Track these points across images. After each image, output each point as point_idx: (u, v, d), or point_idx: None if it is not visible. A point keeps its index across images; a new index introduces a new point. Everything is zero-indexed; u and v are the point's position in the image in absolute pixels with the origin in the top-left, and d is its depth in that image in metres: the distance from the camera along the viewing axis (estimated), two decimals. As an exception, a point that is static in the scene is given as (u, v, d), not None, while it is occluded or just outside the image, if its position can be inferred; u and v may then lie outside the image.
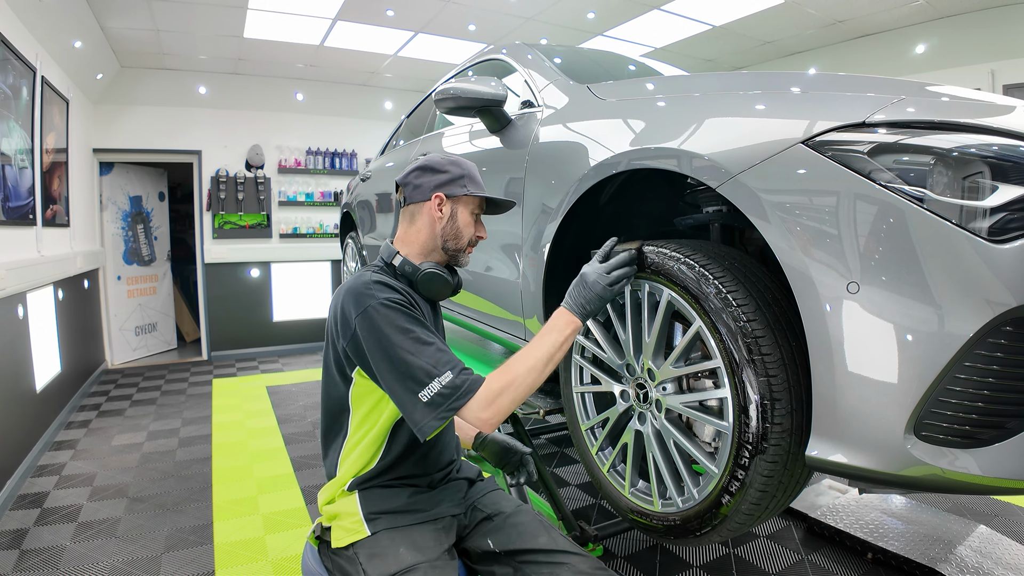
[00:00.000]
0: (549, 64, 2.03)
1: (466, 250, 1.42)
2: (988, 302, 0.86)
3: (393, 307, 1.21)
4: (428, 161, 1.39)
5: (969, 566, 2.00)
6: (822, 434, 1.01)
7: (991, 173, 0.89)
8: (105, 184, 5.75)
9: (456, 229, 1.38)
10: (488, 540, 1.32)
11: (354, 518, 1.28)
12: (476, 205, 1.42)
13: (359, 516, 1.28)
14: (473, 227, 1.42)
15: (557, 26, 4.78)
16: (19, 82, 3.39)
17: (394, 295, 1.24)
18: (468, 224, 1.40)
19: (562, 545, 1.27)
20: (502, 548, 1.29)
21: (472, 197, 1.40)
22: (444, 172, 1.37)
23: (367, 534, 1.26)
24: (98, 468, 3.24)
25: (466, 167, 1.40)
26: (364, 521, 1.27)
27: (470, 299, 2.21)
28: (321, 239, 6.52)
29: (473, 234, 1.42)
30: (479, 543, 1.33)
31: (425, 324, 1.24)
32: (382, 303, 1.21)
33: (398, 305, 1.22)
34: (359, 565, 1.21)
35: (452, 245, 1.38)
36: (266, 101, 6.27)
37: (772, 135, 1.07)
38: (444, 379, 1.16)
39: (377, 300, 1.21)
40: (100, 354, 5.57)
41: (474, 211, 1.41)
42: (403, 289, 1.29)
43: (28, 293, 3.42)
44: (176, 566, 2.25)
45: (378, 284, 1.25)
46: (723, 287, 1.12)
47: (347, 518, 1.29)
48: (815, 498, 2.52)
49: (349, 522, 1.28)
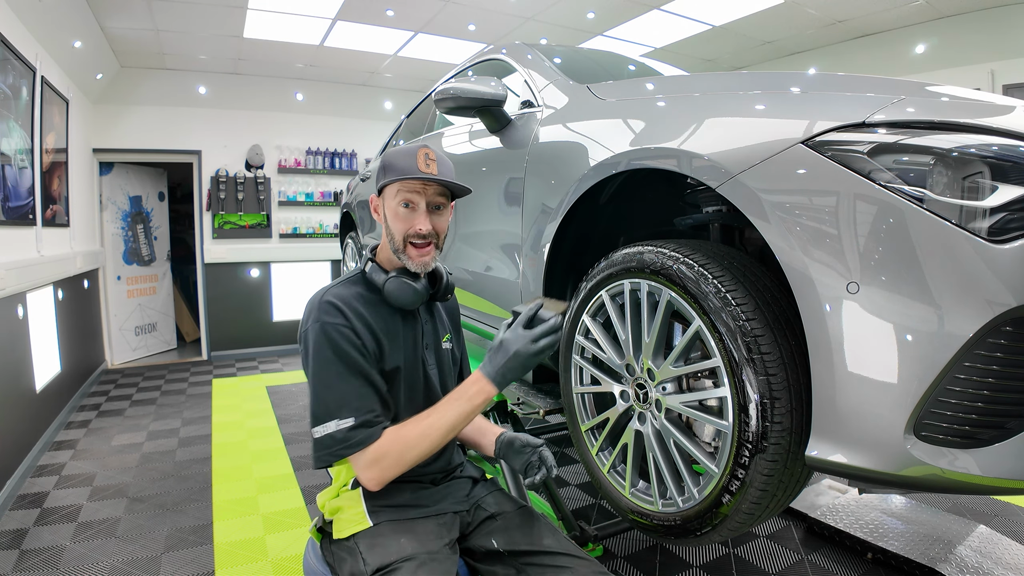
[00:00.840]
0: (549, 64, 2.03)
1: (405, 250, 1.26)
2: (988, 302, 0.86)
3: (327, 334, 1.18)
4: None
5: (969, 566, 2.00)
6: (822, 434, 1.01)
7: (991, 173, 0.89)
8: (105, 184, 5.75)
9: (388, 227, 1.27)
10: (492, 539, 1.31)
11: (357, 510, 1.28)
12: (400, 193, 1.24)
13: (362, 509, 1.28)
14: (404, 221, 1.25)
15: (557, 26, 4.78)
16: (19, 82, 3.39)
17: (336, 320, 1.19)
18: (395, 220, 1.25)
19: (566, 548, 1.27)
20: (506, 548, 1.28)
21: (392, 187, 1.24)
22: (379, 170, 1.27)
23: (369, 525, 1.25)
24: (98, 468, 3.24)
25: (387, 156, 1.26)
26: (367, 513, 1.27)
27: (470, 299, 2.20)
28: (321, 239, 6.52)
29: (406, 229, 1.25)
30: (483, 542, 1.32)
31: (356, 358, 1.18)
32: (322, 326, 1.18)
33: (334, 332, 1.18)
34: (359, 554, 1.21)
35: (392, 246, 1.27)
36: (266, 101, 6.27)
37: (772, 135, 1.07)
38: (343, 423, 1.15)
39: (318, 322, 1.19)
40: (100, 354, 5.57)
41: (400, 201, 1.24)
42: (353, 311, 1.22)
43: (28, 293, 3.42)
44: (176, 566, 2.25)
45: (326, 304, 1.20)
46: (722, 286, 1.12)
47: (350, 510, 1.29)
48: (815, 498, 2.52)
49: (351, 514, 1.28)
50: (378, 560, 1.17)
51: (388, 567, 1.16)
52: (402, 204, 1.25)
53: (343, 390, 1.18)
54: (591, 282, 1.44)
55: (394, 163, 1.24)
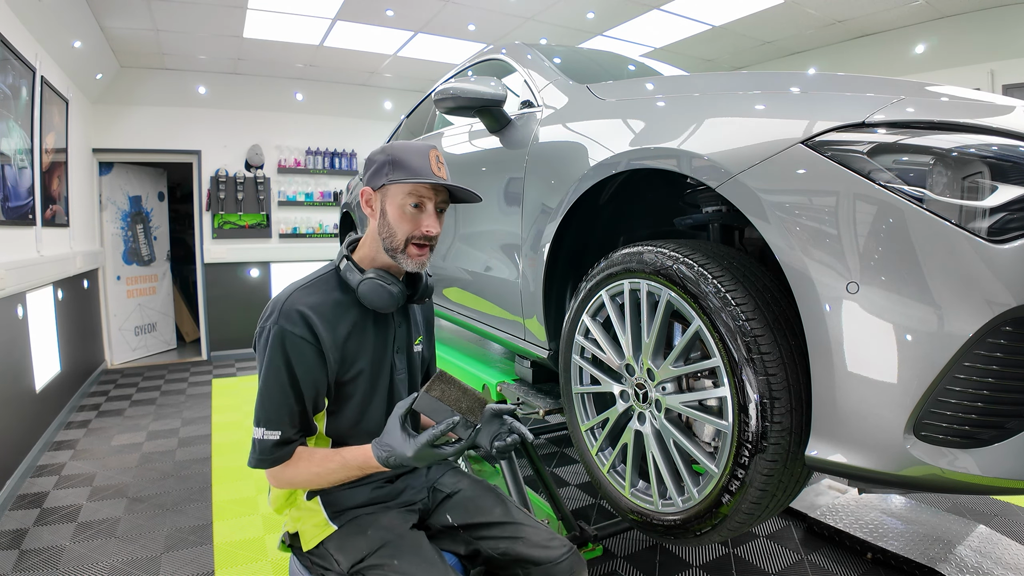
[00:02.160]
0: (549, 64, 2.03)
1: (405, 250, 1.23)
2: (987, 302, 0.86)
3: (284, 343, 1.16)
4: (369, 155, 1.29)
5: (969, 566, 2.00)
6: (822, 434, 1.01)
7: (990, 173, 0.89)
8: (105, 184, 5.75)
9: (387, 225, 1.23)
10: (447, 515, 1.34)
11: (318, 519, 1.28)
12: (411, 194, 1.21)
13: (323, 517, 1.28)
14: (411, 221, 1.22)
15: (557, 26, 4.78)
16: (19, 82, 3.39)
17: (299, 331, 1.17)
18: (400, 218, 1.22)
19: (517, 517, 1.30)
20: (460, 522, 1.32)
21: (402, 185, 1.21)
22: (373, 163, 1.25)
23: (334, 529, 1.26)
24: (98, 468, 3.24)
25: (394, 152, 1.22)
26: (328, 520, 1.28)
27: (470, 299, 2.20)
28: (321, 239, 6.52)
29: (412, 230, 1.22)
30: (439, 519, 1.36)
31: (301, 376, 1.17)
32: (281, 331, 1.17)
33: (290, 344, 1.17)
34: (331, 557, 1.23)
35: (388, 244, 1.24)
36: (266, 101, 6.27)
37: (772, 135, 1.07)
38: (270, 435, 1.18)
39: (278, 326, 1.17)
40: (100, 354, 5.57)
41: (410, 202, 1.22)
42: (323, 320, 1.19)
43: (27, 293, 3.42)
44: (176, 566, 2.25)
45: (295, 314, 1.17)
46: (722, 286, 1.12)
47: (310, 520, 1.29)
48: (815, 498, 2.52)
49: (314, 523, 1.28)
50: (351, 558, 1.20)
51: (362, 560, 1.18)
52: (411, 204, 1.22)
53: (279, 403, 1.18)
54: (591, 282, 1.44)
55: (406, 161, 1.21)
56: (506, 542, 1.25)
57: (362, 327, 1.28)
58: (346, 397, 1.28)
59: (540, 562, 1.23)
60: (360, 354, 1.27)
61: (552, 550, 1.25)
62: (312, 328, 1.18)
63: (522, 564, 1.24)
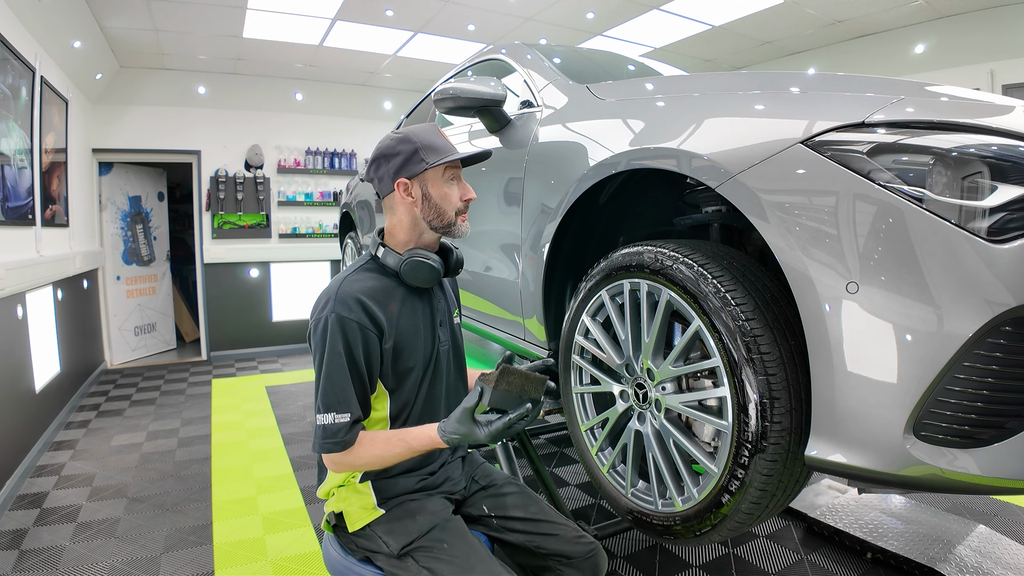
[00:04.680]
0: (548, 64, 2.03)
1: (456, 221, 1.34)
2: (987, 302, 0.86)
3: (339, 326, 1.21)
4: (380, 149, 1.33)
5: (968, 566, 2.00)
6: (821, 434, 1.01)
7: (990, 173, 0.89)
8: (104, 184, 5.74)
9: (434, 206, 1.32)
10: (483, 505, 1.43)
11: (367, 502, 1.34)
12: (447, 170, 1.33)
13: (372, 500, 1.34)
14: (454, 195, 1.33)
15: (556, 26, 4.78)
16: (18, 82, 3.39)
17: (356, 316, 1.22)
18: (444, 196, 1.32)
19: (551, 516, 1.40)
20: (497, 513, 1.41)
21: (439, 167, 1.31)
22: (397, 155, 1.30)
23: (381, 512, 1.32)
24: (97, 468, 3.24)
25: (418, 138, 1.30)
26: (376, 504, 1.33)
27: (470, 299, 2.20)
28: (320, 239, 6.51)
29: (457, 201, 1.34)
30: (474, 508, 1.44)
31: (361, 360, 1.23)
32: (339, 318, 1.22)
33: (349, 329, 1.22)
34: (380, 540, 1.29)
35: (438, 223, 1.33)
36: (265, 101, 6.26)
37: (771, 135, 1.07)
38: (341, 418, 1.22)
39: (335, 313, 1.22)
40: (99, 354, 5.57)
41: (448, 178, 1.32)
42: (380, 306, 1.25)
43: (27, 293, 3.42)
44: (176, 566, 2.25)
45: (351, 300, 1.23)
46: (722, 286, 1.12)
47: (359, 502, 1.34)
48: (814, 498, 2.53)
49: (362, 505, 1.33)
50: (401, 540, 1.26)
51: (412, 543, 1.25)
52: (449, 179, 1.33)
53: (345, 386, 1.22)
54: (591, 282, 1.44)
55: (434, 143, 1.30)
56: (541, 537, 1.36)
57: (411, 306, 1.34)
58: (405, 373, 1.33)
59: (572, 556, 1.34)
60: (412, 331, 1.33)
61: (582, 545, 1.36)
62: (368, 312, 1.24)
63: (555, 557, 1.35)
